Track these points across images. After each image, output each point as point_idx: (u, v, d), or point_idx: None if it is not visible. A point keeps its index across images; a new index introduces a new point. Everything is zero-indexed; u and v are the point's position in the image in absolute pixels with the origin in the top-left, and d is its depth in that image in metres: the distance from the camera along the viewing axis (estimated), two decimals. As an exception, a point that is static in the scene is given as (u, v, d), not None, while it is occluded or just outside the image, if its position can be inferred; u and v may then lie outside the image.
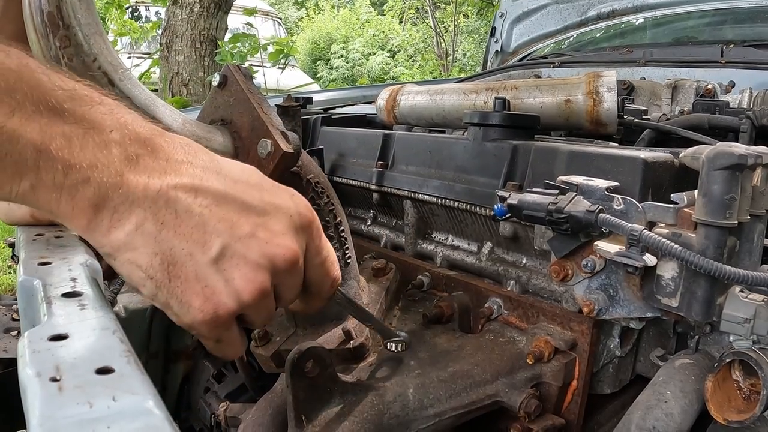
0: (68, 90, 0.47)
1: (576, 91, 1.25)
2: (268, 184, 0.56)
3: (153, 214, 0.48)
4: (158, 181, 0.48)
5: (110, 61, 0.73)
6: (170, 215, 0.48)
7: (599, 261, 0.83)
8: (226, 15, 4.70)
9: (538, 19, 2.68)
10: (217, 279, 0.50)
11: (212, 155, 0.54)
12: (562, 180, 0.86)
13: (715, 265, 0.69)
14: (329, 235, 0.96)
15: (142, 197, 0.47)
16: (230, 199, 0.51)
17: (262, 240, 0.52)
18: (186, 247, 0.49)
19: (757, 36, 1.97)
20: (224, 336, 0.54)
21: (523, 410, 0.87)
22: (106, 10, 5.80)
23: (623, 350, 0.94)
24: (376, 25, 17.38)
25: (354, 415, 0.76)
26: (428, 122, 1.54)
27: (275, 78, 5.66)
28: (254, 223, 0.52)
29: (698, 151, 0.79)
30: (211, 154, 0.54)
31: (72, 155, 0.45)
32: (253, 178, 0.55)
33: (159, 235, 0.48)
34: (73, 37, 0.69)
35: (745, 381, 0.78)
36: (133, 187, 0.47)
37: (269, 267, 0.52)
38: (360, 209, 1.47)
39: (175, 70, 4.58)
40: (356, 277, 1.02)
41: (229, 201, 0.51)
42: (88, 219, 0.47)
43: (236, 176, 0.54)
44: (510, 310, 1.01)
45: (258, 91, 0.87)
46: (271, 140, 0.80)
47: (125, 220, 0.47)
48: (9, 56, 0.45)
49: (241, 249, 0.51)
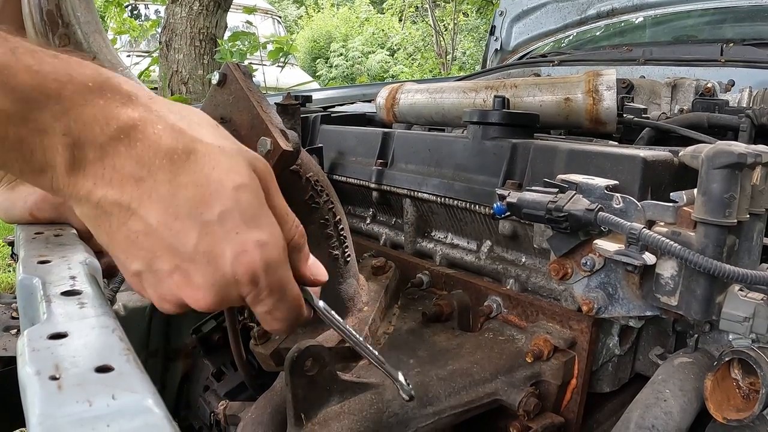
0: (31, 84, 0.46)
1: (575, 89, 1.25)
2: (225, 219, 0.51)
3: (94, 217, 0.49)
4: (100, 191, 0.48)
5: (110, 59, 0.73)
6: (105, 222, 0.49)
7: (598, 259, 0.83)
8: (225, 13, 4.70)
9: (538, 17, 2.68)
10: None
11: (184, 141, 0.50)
12: (561, 178, 0.86)
13: (715, 264, 0.69)
14: (328, 234, 0.96)
15: (84, 198, 0.48)
16: (159, 236, 0.49)
17: (176, 283, 0.51)
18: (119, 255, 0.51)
19: (756, 35, 1.97)
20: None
21: (522, 408, 0.87)
22: (105, 8, 5.79)
23: (622, 349, 0.95)
24: (375, 23, 17.37)
25: (353, 413, 0.76)
26: (428, 121, 1.54)
27: (275, 76, 5.65)
28: (175, 266, 0.50)
29: (698, 150, 0.79)
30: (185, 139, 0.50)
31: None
32: (214, 209, 0.50)
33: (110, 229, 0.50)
34: (73, 36, 0.69)
35: (744, 380, 0.78)
36: (80, 186, 0.48)
37: (175, 305, 0.53)
38: (359, 207, 1.47)
39: (175, 69, 4.57)
40: (355, 276, 1.02)
41: (157, 237, 0.49)
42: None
43: (186, 208, 0.49)
44: (509, 309, 1.01)
45: (257, 89, 0.87)
46: (270, 138, 0.80)
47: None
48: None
49: (153, 280, 0.51)
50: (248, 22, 5.22)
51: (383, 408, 0.78)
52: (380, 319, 1.03)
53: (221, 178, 0.50)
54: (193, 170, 0.49)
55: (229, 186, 0.50)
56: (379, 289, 1.07)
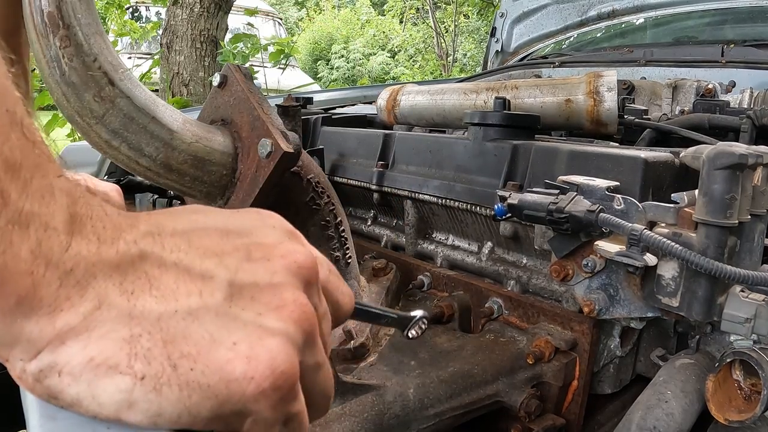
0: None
1: (576, 90, 1.25)
2: (227, 212, 0.41)
3: (118, 284, 0.33)
4: (112, 246, 0.33)
5: (110, 61, 0.73)
6: (140, 279, 0.33)
7: (600, 261, 0.83)
8: (226, 15, 4.70)
9: (539, 19, 2.68)
10: (245, 325, 0.35)
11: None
12: (562, 180, 0.86)
13: (716, 265, 0.69)
14: (329, 235, 0.96)
15: (98, 264, 0.32)
16: (199, 232, 0.38)
17: (261, 258, 0.38)
18: (177, 307, 0.34)
19: (757, 36, 1.97)
20: (294, 407, 0.37)
21: (523, 410, 0.87)
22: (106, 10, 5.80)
23: (624, 350, 0.94)
24: (376, 25, 17.38)
25: (354, 415, 0.76)
26: (428, 122, 1.54)
27: (276, 78, 5.66)
28: (241, 245, 0.38)
29: (699, 151, 0.79)
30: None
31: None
32: (208, 211, 0.40)
33: (134, 309, 0.32)
34: (73, 37, 0.69)
35: (746, 381, 0.77)
36: (85, 252, 0.32)
37: (289, 281, 0.38)
38: (360, 209, 1.47)
39: (176, 71, 4.58)
40: (357, 277, 1.02)
41: (198, 235, 0.37)
42: (19, 293, 0.30)
43: (188, 209, 0.40)
44: (510, 310, 1.01)
45: (258, 91, 0.87)
46: (271, 140, 0.80)
47: (77, 298, 0.31)
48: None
49: (247, 277, 0.37)
50: (249, 24, 5.23)
51: (384, 410, 0.78)
52: (381, 321, 1.03)
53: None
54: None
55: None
56: (380, 290, 1.07)
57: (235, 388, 0.33)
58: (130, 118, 0.76)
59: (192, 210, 0.40)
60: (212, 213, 0.40)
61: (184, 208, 0.41)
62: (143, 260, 0.34)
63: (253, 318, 0.35)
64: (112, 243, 0.33)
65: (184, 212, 0.40)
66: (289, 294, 0.37)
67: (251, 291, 0.36)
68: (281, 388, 0.34)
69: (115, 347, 0.31)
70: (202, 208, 0.41)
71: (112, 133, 0.76)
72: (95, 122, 0.75)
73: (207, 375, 0.32)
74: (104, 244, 0.33)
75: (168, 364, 0.32)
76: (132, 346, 0.32)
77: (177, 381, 0.32)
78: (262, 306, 0.36)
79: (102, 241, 0.33)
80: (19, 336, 0.31)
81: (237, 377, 0.33)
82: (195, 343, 0.33)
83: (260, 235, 0.40)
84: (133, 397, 0.31)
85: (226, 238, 0.38)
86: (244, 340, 0.34)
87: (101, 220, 0.34)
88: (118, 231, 0.34)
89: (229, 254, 0.37)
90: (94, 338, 0.31)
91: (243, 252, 0.38)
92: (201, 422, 0.33)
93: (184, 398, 0.32)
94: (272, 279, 0.37)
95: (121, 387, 0.31)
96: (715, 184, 0.71)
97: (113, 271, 0.33)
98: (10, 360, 0.31)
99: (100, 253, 0.32)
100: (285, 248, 0.40)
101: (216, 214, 0.40)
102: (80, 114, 0.74)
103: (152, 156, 0.79)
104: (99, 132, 0.76)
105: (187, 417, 0.32)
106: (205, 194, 0.86)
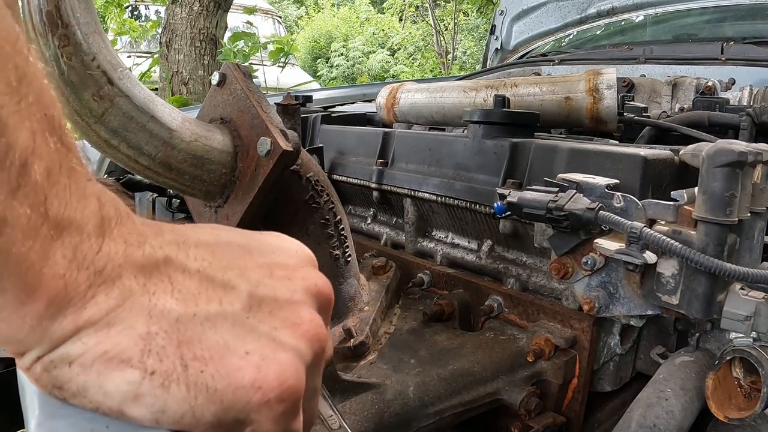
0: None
1: (576, 88, 1.25)
2: (250, 232, 0.43)
3: (141, 284, 0.33)
4: (138, 248, 0.34)
5: (109, 60, 0.73)
6: (163, 282, 0.34)
7: (599, 258, 0.83)
8: (225, 13, 4.70)
9: (538, 16, 2.67)
10: (259, 337, 0.36)
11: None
12: (562, 177, 0.86)
13: (716, 263, 0.69)
14: (329, 234, 0.96)
15: (124, 265, 0.33)
16: (223, 246, 0.39)
17: (283, 276, 0.39)
18: (197, 311, 0.34)
19: (757, 33, 1.97)
20: (293, 425, 0.37)
21: (523, 408, 0.87)
22: (105, 9, 5.80)
23: (624, 348, 0.94)
24: (376, 23, 17.36)
25: (354, 413, 0.76)
26: (428, 120, 1.54)
27: (275, 76, 5.66)
28: (263, 263, 0.40)
29: (698, 149, 0.79)
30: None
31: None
32: (231, 229, 0.42)
33: (154, 308, 0.33)
34: (72, 36, 0.69)
35: (746, 378, 0.77)
36: (113, 254, 0.33)
37: (308, 301, 0.40)
38: (360, 207, 1.47)
39: (175, 69, 4.58)
40: (356, 276, 1.02)
41: (222, 248, 0.39)
42: (50, 295, 0.30)
43: (210, 225, 0.42)
44: (510, 308, 1.01)
45: (257, 89, 0.87)
46: (270, 138, 0.80)
47: (102, 296, 0.32)
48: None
49: (267, 291, 0.38)
50: (248, 22, 5.23)
51: (384, 408, 0.78)
52: (381, 319, 1.03)
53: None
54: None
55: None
56: (380, 288, 1.07)
57: (242, 396, 0.33)
58: (129, 117, 0.76)
59: (214, 226, 0.41)
60: (234, 231, 0.41)
61: (207, 225, 0.42)
62: (167, 264, 0.35)
63: (268, 331, 0.36)
64: (139, 246, 0.34)
65: (207, 227, 0.41)
66: (307, 313, 0.39)
67: (270, 305, 0.37)
68: (286, 402, 0.35)
69: (130, 342, 0.32)
70: (224, 227, 0.42)
71: (112, 132, 0.76)
72: (94, 121, 0.75)
73: (216, 379, 0.33)
74: (131, 246, 0.34)
75: (179, 364, 0.33)
76: (147, 342, 0.32)
77: (186, 381, 0.32)
78: (279, 321, 0.37)
79: (128, 244, 0.34)
80: (42, 337, 0.31)
81: (245, 385, 0.33)
82: (209, 347, 0.34)
83: (283, 256, 0.41)
84: (140, 390, 0.32)
85: (249, 254, 0.39)
86: (256, 350, 0.35)
87: (127, 225, 0.34)
88: (144, 236, 0.35)
89: (252, 269, 0.38)
90: (112, 333, 0.32)
91: (265, 269, 0.39)
92: (202, 426, 0.33)
93: (190, 398, 0.32)
94: (292, 296, 0.39)
95: (130, 379, 0.31)
96: (714, 182, 0.71)
97: (138, 272, 0.33)
98: (25, 355, 0.32)
99: (127, 255, 0.33)
100: (306, 272, 0.41)
101: (239, 232, 0.42)
102: (79, 113, 0.74)
103: (151, 155, 0.79)
104: (98, 131, 0.76)
105: (190, 418, 0.33)
106: (205, 193, 0.86)
